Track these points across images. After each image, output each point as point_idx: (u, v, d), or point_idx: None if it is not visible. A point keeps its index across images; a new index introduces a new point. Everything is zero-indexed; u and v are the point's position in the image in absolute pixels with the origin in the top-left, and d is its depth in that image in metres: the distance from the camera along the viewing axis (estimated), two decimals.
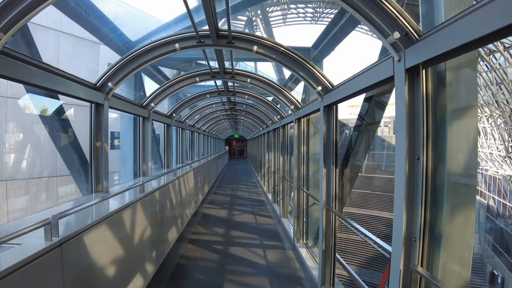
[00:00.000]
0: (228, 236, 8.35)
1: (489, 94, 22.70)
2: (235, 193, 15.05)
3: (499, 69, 20.06)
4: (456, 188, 2.62)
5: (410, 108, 2.55)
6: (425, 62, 2.42)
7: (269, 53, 5.01)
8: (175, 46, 5.23)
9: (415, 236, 2.58)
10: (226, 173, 24.93)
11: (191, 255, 7.03)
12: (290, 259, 6.74)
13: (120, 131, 9.99)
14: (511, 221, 26.85)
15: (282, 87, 7.10)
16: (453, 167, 2.57)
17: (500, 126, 23.74)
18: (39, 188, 12.44)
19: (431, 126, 2.52)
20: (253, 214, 10.65)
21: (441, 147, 2.53)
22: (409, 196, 2.57)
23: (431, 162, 2.53)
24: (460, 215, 2.63)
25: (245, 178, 21.35)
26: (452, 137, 2.53)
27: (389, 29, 2.59)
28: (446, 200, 2.54)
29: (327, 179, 4.80)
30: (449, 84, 2.56)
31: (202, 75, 7.40)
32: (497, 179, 28.94)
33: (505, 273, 24.74)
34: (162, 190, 6.48)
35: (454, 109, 2.60)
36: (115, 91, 6.12)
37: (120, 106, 6.40)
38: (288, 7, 26.36)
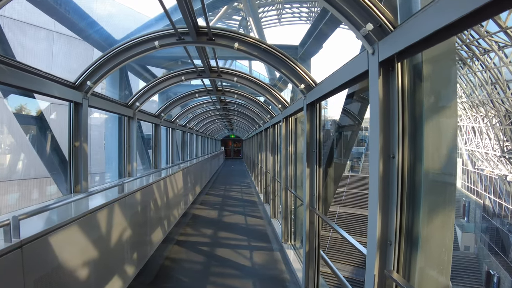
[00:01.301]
0: (216, 238, 8.20)
1: (484, 93, 22.64)
2: (227, 194, 14.89)
3: (494, 69, 19.99)
4: (434, 188, 2.47)
5: (384, 104, 2.41)
6: (400, 54, 2.27)
7: (251, 50, 4.87)
8: (155, 43, 5.09)
9: (390, 239, 2.44)
10: (221, 174, 24.77)
11: (177, 256, 6.88)
12: (276, 260, 6.59)
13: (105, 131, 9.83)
14: (507, 221, 26.80)
15: (270, 86, 6.96)
16: (430, 166, 2.42)
17: (495, 125, 23.68)
18: (12, 190, 12.13)
19: (407, 122, 2.37)
20: (244, 215, 10.50)
21: (417, 145, 2.38)
22: (384, 197, 2.43)
23: (407, 161, 2.38)
24: (438, 217, 2.49)
25: (239, 179, 21.19)
26: (429, 134, 2.38)
27: (362, 20, 2.45)
28: (423, 201, 2.39)
29: (310, 179, 4.66)
30: (426, 78, 2.42)
31: (187, 73, 7.25)
32: (493, 178, 28.90)
33: (501, 273, 24.70)
34: (144, 191, 6.32)
35: (432, 105, 2.45)
36: (96, 89, 5.97)
37: (102, 105, 6.24)
38: (283, 6, 26.25)
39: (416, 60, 2.41)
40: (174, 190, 8.90)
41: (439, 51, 2.37)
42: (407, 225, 2.42)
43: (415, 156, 2.38)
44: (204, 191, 15.07)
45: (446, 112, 2.46)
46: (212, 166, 22.05)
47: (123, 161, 7.68)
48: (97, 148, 12.91)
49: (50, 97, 4.92)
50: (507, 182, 26.12)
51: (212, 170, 22.24)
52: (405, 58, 2.32)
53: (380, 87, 2.39)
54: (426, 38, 1.93)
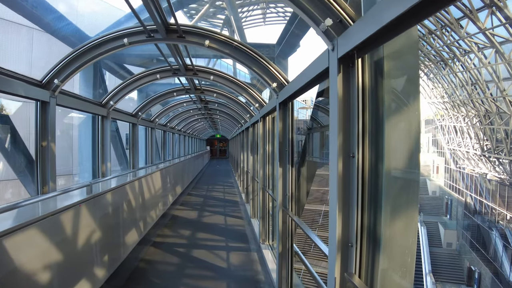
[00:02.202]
0: (194, 239, 8.07)
1: (465, 94, 23.04)
2: (209, 194, 14.74)
3: (474, 69, 20.36)
4: (396, 188, 2.40)
5: (344, 102, 2.33)
6: (359, 50, 2.20)
7: (222, 48, 4.77)
8: (124, 41, 4.95)
9: (351, 241, 2.37)
10: (205, 174, 24.56)
11: (152, 258, 6.74)
12: (253, 261, 6.51)
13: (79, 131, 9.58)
14: (487, 218, 27.39)
15: (246, 85, 6.86)
16: (392, 166, 2.35)
17: (475, 125, 24.14)
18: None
19: (367, 121, 2.31)
20: (224, 215, 10.39)
21: (378, 144, 2.31)
22: (344, 197, 2.36)
23: (367, 160, 2.32)
24: (401, 217, 2.42)
25: (223, 179, 21.04)
26: (391, 132, 2.31)
27: (321, 16, 2.37)
28: (385, 201, 2.32)
29: (283, 179, 4.58)
30: (387, 74, 2.35)
31: (162, 72, 7.09)
32: (474, 177, 29.49)
33: (482, 269, 25.22)
34: (116, 192, 6.14)
35: (393, 102, 2.38)
36: (67, 88, 5.79)
37: (72, 104, 6.05)
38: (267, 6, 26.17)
39: (377, 56, 2.34)
40: (151, 190, 8.72)
41: (400, 46, 2.30)
42: (368, 226, 2.36)
43: (376, 155, 2.31)
44: (186, 192, 14.87)
45: (409, 110, 2.39)
46: (195, 166, 21.82)
47: (97, 161, 7.47)
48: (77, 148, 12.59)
49: (15, 96, 4.73)
50: (487, 180, 26.68)
51: (196, 170, 22.01)
52: (365, 53, 2.25)
53: (340, 84, 2.32)
54: (384, 30, 1.84)
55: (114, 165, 10.51)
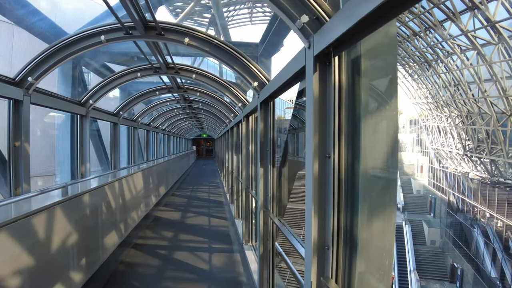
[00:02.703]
0: (176, 240, 7.94)
1: (448, 94, 23.42)
2: (194, 195, 14.58)
3: (456, 71, 20.69)
4: (373, 190, 2.36)
5: (320, 101, 2.27)
6: (335, 47, 2.14)
7: (202, 45, 4.68)
8: (101, 38, 4.80)
9: (327, 244, 2.31)
10: (191, 174, 24.32)
11: (132, 261, 6.60)
12: (235, 262, 6.43)
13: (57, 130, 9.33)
14: (469, 216, 27.93)
15: (229, 84, 6.77)
16: (369, 166, 2.30)
17: (458, 125, 24.57)
18: None
19: (344, 121, 2.25)
20: (208, 216, 10.29)
21: (355, 145, 2.25)
22: (320, 198, 2.30)
23: (343, 161, 2.26)
24: (378, 219, 2.37)
25: (209, 179, 20.87)
26: (368, 133, 2.26)
27: (297, 12, 2.30)
28: (361, 203, 2.27)
29: (264, 179, 4.51)
30: (365, 73, 2.29)
31: (143, 70, 6.95)
32: (457, 176, 30.02)
33: (464, 265, 25.70)
34: (95, 193, 5.97)
35: (371, 102, 2.33)
36: (42, 86, 5.60)
37: (47, 102, 5.86)
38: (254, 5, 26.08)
39: (355, 55, 2.28)
40: (133, 191, 8.54)
41: (378, 45, 2.25)
42: (345, 228, 2.31)
43: (352, 155, 2.26)
44: (170, 192, 14.66)
45: (386, 109, 2.34)
46: (181, 166, 21.57)
47: (75, 162, 7.27)
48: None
49: None
50: (470, 179, 27.21)
51: (181, 170, 21.75)
52: (341, 50, 2.18)
53: (316, 83, 2.26)
54: (359, 25, 1.78)
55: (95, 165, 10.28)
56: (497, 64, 16.45)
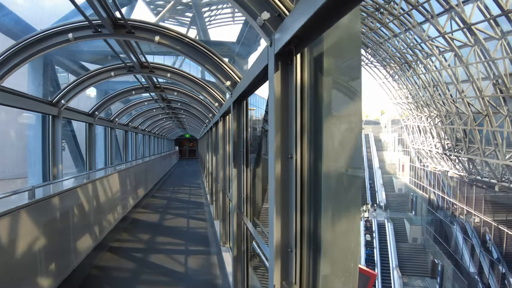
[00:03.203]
0: (153, 243, 7.80)
1: (427, 95, 23.86)
2: (174, 196, 14.39)
3: (435, 72, 21.10)
4: (336, 190, 2.32)
5: (282, 101, 2.23)
6: (296, 44, 2.08)
7: (174, 44, 4.58)
8: (69, 36, 4.64)
9: (291, 246, 2.26)
10: (173, 175, 24.03)
11: (107, 264, 6.45)
12: (212, 264, 6.35)
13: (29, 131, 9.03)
14: (449, 213, 28.54)
15: (205, 83, 6.67)
16: (332, 166, 2.26)
17: (437, 125, 25.06)
18: None
19: (306, 121, 2.20)
20: (187, 218, 10.16)
21: (318, 144, 2.21)
22: (283, 199, 2.25)
23: (306, 161, 2.21)
24: (342, 220, 2.33)
25: (190, 180, 20.64)
26: (331, 132, 2.21)
27: (257, 9, 2.25)
28: (325, 204, 2.23)
29: (237, 180, 4.44)
30: (328, 72, 2.24)
31: (117, 69, 6.79)
32: (437, 174, 30.64)
33: (444, 261, 26.24)
34: (66, 195, 5.79)
35: (333, 101, 2.29)
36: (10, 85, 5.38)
37: (15, 102, 5.64)
38: None
39: (317, 53, 2.23)
40: (109, 193, 8.34)
41: (341, 44, 2.21)
42: (308, 230, 2.26)
43: (315, 156, 2.22)
44: (150, 194, 14.40)
45: (350, 108, 2.30)
46: (162, 167, 21.24)
47: (47, 163, 7.04)
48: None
49: None
50: (449, 177, 27.81)
51: (162, 171, 21.40)
52: (303, 46, 2.12)
53: (278, 82, 2.21)
54: (317, 18, 1.70)
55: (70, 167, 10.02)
56: (473, 66, 16.85)
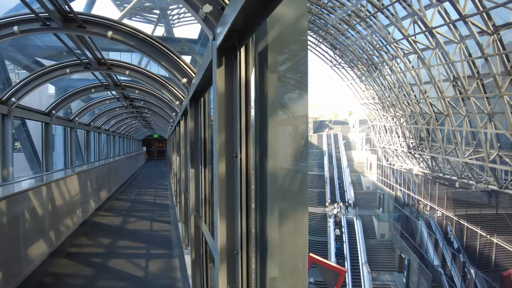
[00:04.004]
0: (114, 247, 7.51)
1: (393, 95, 24.61)
2: (139, 198, 13.99)
3: (400, 73, 21.79)
4: (283, 190, 2.25)
5: (227, 97, 2.14)
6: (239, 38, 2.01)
7: (128, 39, 4.40)
8: (14, 29, 4.34)
9: (236, 248, 2.18)
10: (139, 176, 23.39)
11: (62, 271, 6.13)
12: (174, 268, 6.17)
13: None
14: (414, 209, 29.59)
15: (165, 81, 6.48)
16: (278, 165, 2.19)
17: (402, 124, 25.90)
18: None
19: (251, 118, 2.13)
20: (151, 220, 9.88)
21: (263, 143, 2.14)
22: (228, 200, 2.17)
23: (251, 160, 2.14)
24: (289, 220, 2.27)
25: (157, 181, 20.17)
26: (276, 130, 2.14)
27: (199, 1, 2.15)
28: (271, 204, 2.16)
29: (195, 181, 4.31)
30: (273, 68, 2.16)
31: (73, 66, 6.47)
32: (403, 172, 31.67)
33: (411, 256, 27.17)
34: (15, 199, 5.43)
35: (279, 98, 2.23)
36: None
37: None
38: None
39: (262, 48, 2.15)
40: (67, 196, 7.93)
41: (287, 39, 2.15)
42: (254, 231, 2.18)
43: (260, 154, 2.14)
44: (113, 196, 13.87)
45: (296, 106, 2.24)
46: (128, 168, 20.56)
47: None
48: None
49: None
50: (414, 175, 28.81)
51: (128, 172, 20.69)
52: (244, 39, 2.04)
53: (221, 78, 2.12)
54: (253, 7, 1.63)
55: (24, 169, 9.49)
56: (435, 68, 17.51)
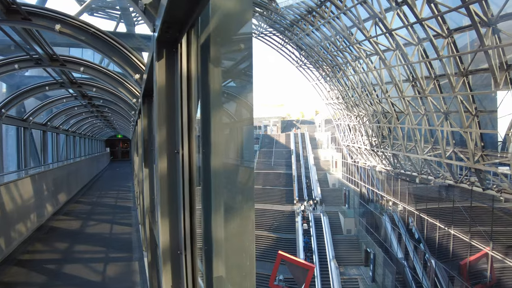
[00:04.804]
0: (71, 252, 7.17)
1: (356, 95, 25.30)
2: (101, 201, 13.49)
3: (363, 73, 22.41)
4: (228, 187, 2.21)
5: (168, 92, 2.07)
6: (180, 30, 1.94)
7: (78, 34, 4.19)
8: None
9: (180, 248, 2.11)
10: (101, 178, 22.55)
11: (12, 280, 5.77)
12: (133, 272, 5.97)
13: None
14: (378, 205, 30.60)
15: (123, 79, 6.26)
16: (222, 162, 2.15)
17: (365, 123, 26.68)
18: None
19: (194, 113, 2.07)
20: (111, 223, 9.54)
21: (206, 138, 2.08)
22: (170, 198, 2.10)
23: (194, 156, 2.08)
24: (235, 218, 2.23)
25: (120, 183, 19.54)
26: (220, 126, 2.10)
27: None
28: (215, 201, 2.11)
29: (149, 181, 4.19)
30: (216, 63, 2.11)
31: (22, 61, 6.10)
32: (367, 169, 32.65)
33: (376, 250, 28.06)
34: None
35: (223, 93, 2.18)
36: None
37: None
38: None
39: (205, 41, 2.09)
40: (18, 200, 7.49)
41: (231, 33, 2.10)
42: (199, 229, 2.13)
43: (204, 151, 2.08)
44: (73, 199, 13.28)
45: (241, 101, 2.20)
46: (89, 170, 19.76)
47: None
48: None
49: None
50: (378, 171, 29.77)
51: (89, 174, 19.88)
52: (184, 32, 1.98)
53: (162, 71, 2.05)
54: None
55: None
56: (395, 68, 18.14)
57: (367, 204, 32.93)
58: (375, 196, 31.32)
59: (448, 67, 13.69)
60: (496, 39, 10.91)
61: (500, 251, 15.12)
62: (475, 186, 15.49)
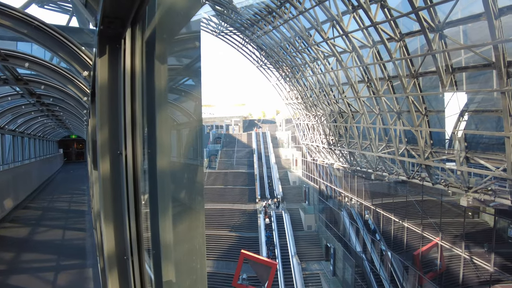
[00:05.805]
0: (16, 262, 6.71)
1: (315, 96, 25.87)
2: (53, 205, 12.75)
3: (320, 74, 22.93)
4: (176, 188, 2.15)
5: (110, 90, 1.97)
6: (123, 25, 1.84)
7: (19, 27, 3.89)
8: None
9: (127, 254, 2.01)
10: (54, 181, 21.34)
11: None
12: (86, 279, 5.69)
13: None
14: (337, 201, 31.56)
15: (72, 75, 5.92)
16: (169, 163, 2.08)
17: (323, 123, 27.36)
18: None
19: (138, 113, 1.98)
20: (64, 229, 9.04)
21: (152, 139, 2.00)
22: (114, 201, 2.00)
23: (139, 157, 2.00)
24: (184, 220, 2.18)
25: (75, 185, 18.60)
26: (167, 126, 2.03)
27: None
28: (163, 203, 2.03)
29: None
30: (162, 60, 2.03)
31: None
32: (325, 167, 33.54)
33: (336, 244, 28.93)
34: None
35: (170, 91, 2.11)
36: None
37: None
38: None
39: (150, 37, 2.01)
40: None
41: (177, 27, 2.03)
42: (146, 233, 2.05)
43: (149, 151, 2.00)
44: (21, 205, 12.42)
45: (189, 100, 2.15)
46: (39, 173, 18.56)
47: None
48: None
49: None
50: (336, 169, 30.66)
51: (40, 177, 18.68)
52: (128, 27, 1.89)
53: (104, 68, 1.94)
54: None
55: None
56: (351, 70, 18.74)
57: (326, 201, 33.85)
58: (334, 192, 32.26)
59: (400, 69, 14.35)
60: (443, 44, 11.61)
61: (448, 241, 16.22)
62: (426, 181, 16.40)
